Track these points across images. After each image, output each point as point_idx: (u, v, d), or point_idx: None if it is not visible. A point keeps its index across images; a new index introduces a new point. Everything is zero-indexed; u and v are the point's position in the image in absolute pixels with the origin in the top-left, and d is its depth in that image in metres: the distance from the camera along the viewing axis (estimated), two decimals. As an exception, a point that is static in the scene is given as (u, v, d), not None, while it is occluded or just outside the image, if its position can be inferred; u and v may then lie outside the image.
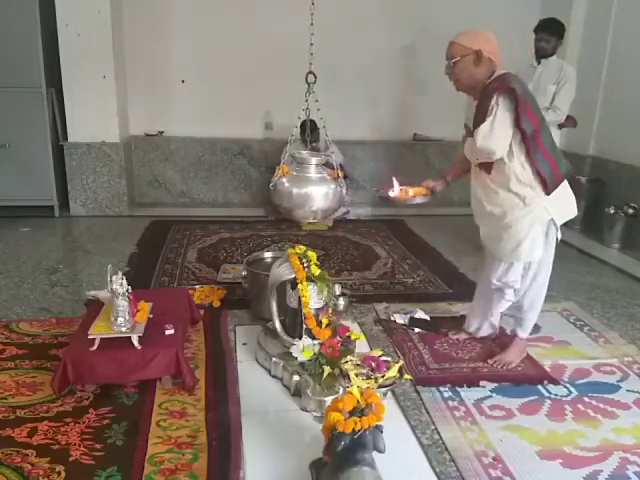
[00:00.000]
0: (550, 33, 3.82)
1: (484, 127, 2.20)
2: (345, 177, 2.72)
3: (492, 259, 2.49)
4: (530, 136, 2.20)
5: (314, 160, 2.53)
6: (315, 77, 2.50)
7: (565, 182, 2.36)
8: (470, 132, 2.39)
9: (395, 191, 2.59)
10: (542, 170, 2.24)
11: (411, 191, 2.61)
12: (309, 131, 2.65)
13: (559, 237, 2.42)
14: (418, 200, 2.59)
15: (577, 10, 5.15)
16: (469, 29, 2.31)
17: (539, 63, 3.91)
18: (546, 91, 3.85)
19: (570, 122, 4.06)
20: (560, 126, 3.95)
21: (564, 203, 2.39)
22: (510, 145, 2.24)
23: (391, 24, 5.38)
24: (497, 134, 2.19)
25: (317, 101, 2.50)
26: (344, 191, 2.56)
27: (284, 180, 2.50)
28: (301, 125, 2.74)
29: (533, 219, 2.31)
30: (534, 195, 2.28)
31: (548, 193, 2.28)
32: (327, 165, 2.61)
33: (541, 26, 3.85)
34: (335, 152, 2.69)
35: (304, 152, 2.66)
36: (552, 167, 2.27)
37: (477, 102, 2.30)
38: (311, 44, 2.51)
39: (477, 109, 2.29)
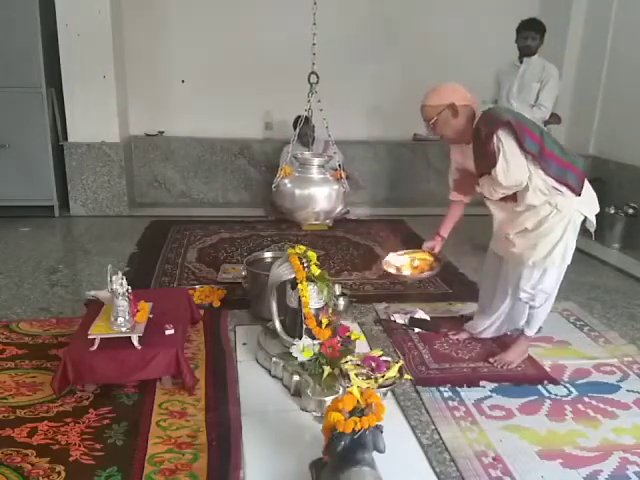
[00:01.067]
0: (536, 32, 3.88)
1: (500, 166, 2.21)
2: (346, 177, 2.71)
3: (522, 268, 2.40)
4: (538, 154, 2.22)
5: (316, 161, 2.52)
6: (317, 77, 2.50)
7: (586, 180, 2.37)
8: (468, 174, 2.45)
9: (395, 264, 2.59)
10: (562, 177, 2.25)
11: (417, 260, 2.60)
12: (301, 125, 2.64)
13: (593, 231, 2.44)
14: (425, 275, 2.60)
15: (577, 10, 5.15)
16: (432, 89, 2.33)
17: (522, 62, 3.95)
18: (530, 89, 3.91)
19: (554, 119, 4.12)
20: (545, 123, 3.98)
21: (590, 197, 2.40)
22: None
23: (392, 25, 5.38)
24: (515, 166, 2.21)
25: (319, 101, 2.50)
26: (348, 192, 2.56)
27: (286, 181, 2.50)
28: (294, 123, 2.74)
29: (567, 223, 2.32)
30: (564, 200, 2.29)
31: (579, 194, 2.29)
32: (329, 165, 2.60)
33: (527, 25, 3.91)
34: (336, 152, 2.69)
35: (307, 153, 2.66)
36: (570, 169, 2.28)
37: (472, 145, 2.32)
38: (313, 44, 2.51)
39: (476, 153, 2.31)
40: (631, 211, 4.43)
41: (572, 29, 5.18)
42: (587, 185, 2.38)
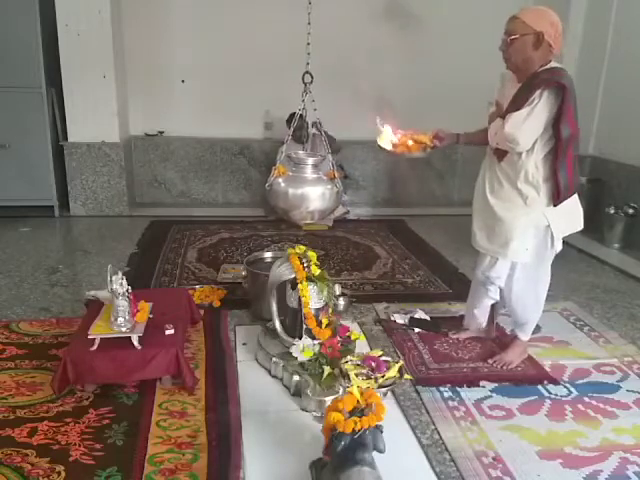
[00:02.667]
0: None
1: (518, 115, 2.13)
2: (345, 177, 2.71)
3: (481, 253, 2.49)
4: (565, 140, 2.14)
5: (310, 160, 2.52)
6: (312, 77, 2.50)
7: (576, 196, 2.33)
8: (500, 112, 2.30)
9: (393, 139, 2.49)
10: (560, 178, 2.19)
11: (410, 141, 2.47)
12: (295, 122, 2.64)
13: (558, 249, 2.38)
14: (415, 155, 2.48)
15: (577, 10, 5.14)
16: (535, 7, 2.18)
17: None
18: None
19: None
20: None
21: (570, 216, 2.35)
22: (534, 142, 2.19)
23: (391, 23, 5.38)
24: (528, 127, 2.13)
25: (314, 101, 2.50)
26: (341, 191, 2.56)
27: (280, 180, 2.50)
28: (287, 120, 2.73)
29: (529, 221, 2.29)
30: (536, 198, 2.26)
31: (555, 204, 2.25)
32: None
33: None
34: (329, 140, 2.66)
35: (301, 152, 2.66)
36: (569, 180, 2.22)
37: (520, 85, 2.21)
38: (308, 44, 2.51)
39: (518, 92, 2.20)
40: (631, 211, 4.43)
41: (572, 29, 5.18)
42: (576, 204, 2.35)
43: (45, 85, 4.53)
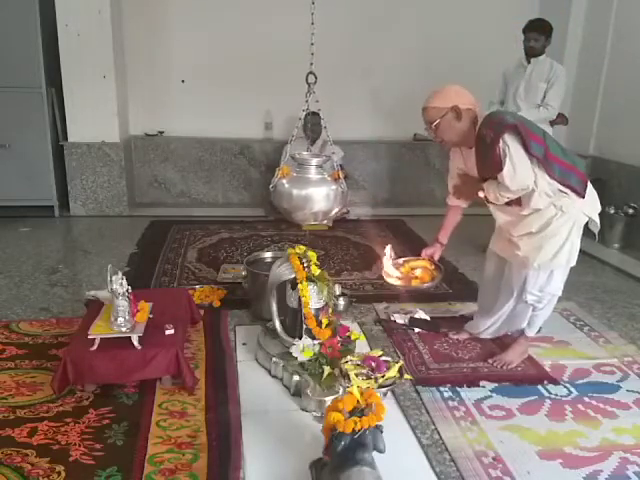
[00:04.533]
0: (539, 32, 3.86)
1: (507, 171, 2.19)
2: (345, 177, 2.71)
3: (528, 271, 2.39)
4: (543, 157, 2.21)
5: (314, 161, 2.52)
6: (315, 77, 2.49)
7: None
8: (469, 179, 2.43)
9: (396, 273, 2.56)
10: (566, 180, 2.25)
11: (418, 270, 2.57)
12: (310, 124, 2.63)
13: (597, 231, 2.45)
14: (427, 285, 2.55)
15: (577, 10, 5.15)
16: (434, 91, 2.31)
17: (529, 62, 3.95)
18: (537, 89, 3.89)
19: (561, 119, 4.11)
20: (552, 123, 3.98)
21: (592, 198, 2.39)
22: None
23: (392, 23, 5.38)
24: (522, 170, 2.20)
25: (317, 101, 2.50)
26: (346, 192, 2.55)
27: (284, 181, 2.49)
28: (305, 117, 2.73)
29: (572, 225, 2.32)
30: (569, 202, 2.29)
31: (583, 196, 2.29)
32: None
33: (530, 26, 3.90)
34: (335, 150, 2.67)
35: (305, 153, 2.65)
36: (573, 172, 2.27)
37: (476, 149, 2.30)
38: (311, 44, 2.50)
39: (480, 157, 2.29)
40: (631, 211, 4.43)
41: (572, 29, 5.18)
42: (589, 186, 2.38)
43: (45, 85, 4.53)
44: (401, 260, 2.63)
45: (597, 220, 2.39)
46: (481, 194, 2.40)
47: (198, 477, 1.78)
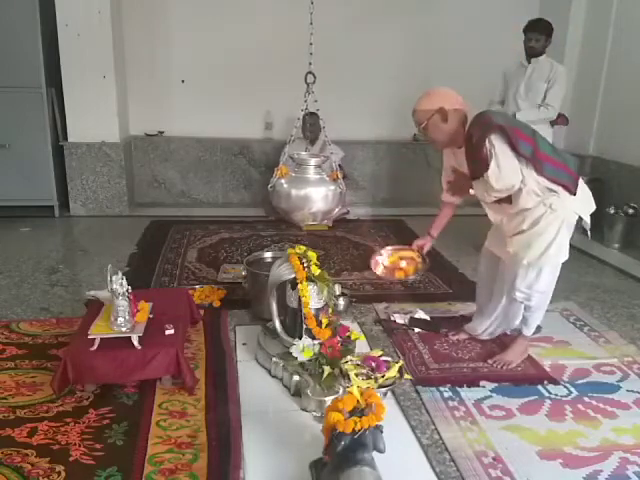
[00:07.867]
0: (539, 32, 3.86)
1: (493, 171, 2.20)
2: (344, 177, 2.71)
3: (517, 268, 2.39)
4: (531, 156, 2.22)
5: (313, 161, 2.52)
6: (314, 77, 2.50)
7: (581, 180, 2.37)
8: (462, 176, 2.44)
9: (384, 262, 2.62)
10: (557, 178, 2.26)
11: (403, 262, 2.61)
12: (308, 124, 2.64)
13: (588, 230, 2.45)
14: (411, 278, 2.62)
15: (577, 10, 5.15)
16: (423, 94, 2.34)
17: (529, 62, 3.95)
18: (537, 89, 3.89)
19: (562, 120, 4.11)
20: (552, 123, 3.97)
21: (585, 196, 2.40)
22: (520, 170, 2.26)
23: (391, 23, 5.38)
24: (507, 170, 2.21)
25: (316, 101, 2.50)
26: (344, 192, 2.55)
27: (283, 181, 2.49)
28: (303, 117, 2.73)
29: (561, 223, 2.32)
30: (558, 200, 2.29)
31: (574, 193, 2.29)
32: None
33: (530, 26, 3.90)
34: (334, 150, 2.68)
35: (303, 153, 2.65)
36: (564, 170, 2.28)
37: (465, 149, 2.31)
38: (310, 44, 2.51)
39: (469, 156, 2.31)
40: (631, 211, 4.43)
41: (572, 29, 5.18)
42: (582, 184, 2.38)
43: (45, 85, 4.53)
44: (390, 248, 2.67)
45: (588, 219, 2.39)
46: (472, 191, 2.42)
47: (198, 477, 1.78)
